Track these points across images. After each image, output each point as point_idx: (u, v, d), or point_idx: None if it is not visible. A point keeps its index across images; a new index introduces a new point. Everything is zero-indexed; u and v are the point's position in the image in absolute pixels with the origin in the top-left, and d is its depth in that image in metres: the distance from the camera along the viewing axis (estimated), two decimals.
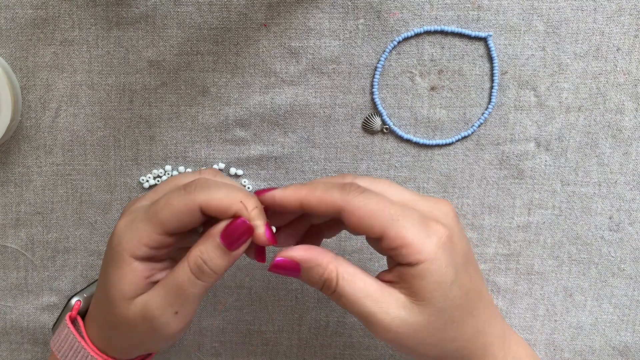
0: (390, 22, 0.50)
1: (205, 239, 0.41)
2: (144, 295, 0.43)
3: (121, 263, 0.42)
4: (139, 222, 0.42)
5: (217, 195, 0.41)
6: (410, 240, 0.39)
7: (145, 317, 0.42)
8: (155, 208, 0.42)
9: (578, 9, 0.50)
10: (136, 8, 0.50)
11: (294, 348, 0.57)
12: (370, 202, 0.40)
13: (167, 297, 0.42)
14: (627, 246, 0.54)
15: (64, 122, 0.53)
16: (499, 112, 0.52)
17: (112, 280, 0.43)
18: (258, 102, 0.52)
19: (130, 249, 0.42)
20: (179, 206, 0.41)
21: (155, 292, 0.42)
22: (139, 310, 0.42)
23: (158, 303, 0.42)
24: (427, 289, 0.40)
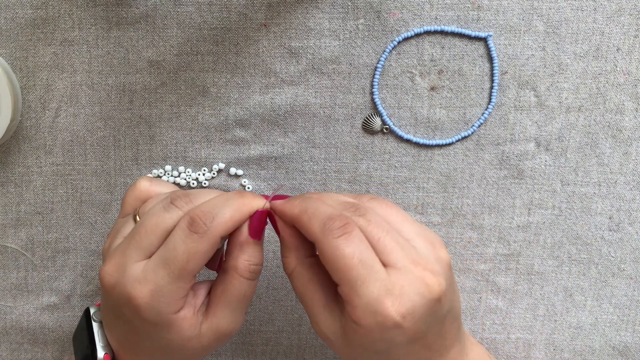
0: (390, 22, 0.50)
1: (242, 245, 0.43)
2: (208, 323, 0.43)
3: (169, 324, 0.42)
4: (167, 285, 0.41)
5: (229, 216, 0.42)
6: (356, 304, 0.40)
7: (222, 335, 0.44)
8: (179, 265, 0.41)
9: (578, 9, 0.50)
10: (136, 8, 0.50)
11: (294, 348, 0.57)
12: (342, 252, 0.40)
13: (235, 309, 0.44)
14: (627, 246, 0.54)
15: (64, 122, 0.53)
16: (499, 112, 0.52)
17: (168, 339, 0.43)
18: (258, 102, 0.52)
19: (171, 310, 0.42)
20: (203, 249, 0.41)
21: (219, 312, 0.43)
22: (211, 335, 0.44)
23: (227, 318, 0.44)
24: (353, 343, 0.41)
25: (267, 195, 0.44)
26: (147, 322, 0.42)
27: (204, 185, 0.54)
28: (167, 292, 0.41)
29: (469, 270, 0.55)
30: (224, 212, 0.42)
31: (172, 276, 0.41)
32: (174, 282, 0.41)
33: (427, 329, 0.41)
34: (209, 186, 0.54)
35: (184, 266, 0.41)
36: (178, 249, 0.41)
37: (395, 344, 0.40)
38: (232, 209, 0.42)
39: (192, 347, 0.44)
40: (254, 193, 0.44)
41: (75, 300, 0.56)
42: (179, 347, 0.43)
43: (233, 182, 0.54)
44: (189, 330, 0.43)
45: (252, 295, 0.45)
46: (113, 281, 0.42)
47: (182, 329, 0.43)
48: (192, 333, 0.43)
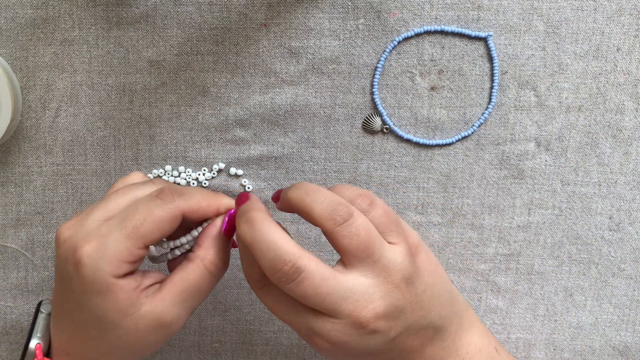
0: (390, 22, 0.50)
1: (214, 239, 0.44)
2: (151, 305, 0.42)
3: (106, 288, 0.41)
4: (115, 242, 0.40)
5: (195, 200, 0.43)
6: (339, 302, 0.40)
7: (161, 325, 0.42)
8: (134, 223, 0.41)
9: (578, 9, 0.50)
10: (136, 8, 0.50)
11: (294, 348, 0.57)
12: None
13: (185, 301, 0.43)
14: (627, 246, 0.54)
15: (64, 122, 0.53)
16: (499, 112, 0.52)
17: (103, 308, 0.41)
18: (258, 102, 0.52)
19: (112, 271, 0.40)
20: (162, 216, 0.41)
21: (169, 298, 0.42)
22: (150, 320, 0.42)
23: (173, 308, 0.42)
24: None
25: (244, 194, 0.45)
26: (84, 281, 0.41)
27: (204, 185, 0.54)
28: (112, 249, 0.40)
29: (469, 270, 0.55)
30: (193, 193, 0.43)
31: (123, 233, 0.40)
32: (121, 240, 0.40)
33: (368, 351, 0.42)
34: (209, 186, 0.54)
35: (137, 226, 0.40)
36: (138, 209, 0.41)
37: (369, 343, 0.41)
38: (202, 195, 0.43)
39: (127, 327, 0.42)
40: None
41: None
42: (112, 322, 0.42)
43: (233, 182, 0.54)
44: (125, 302, 0.41)
45: (205, 295, 0.44)
46: (67, 235, 0.42)
47: (118, 300, 0.41)
48: (129, 309, 0.41)
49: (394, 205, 0.54)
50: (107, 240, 0.41)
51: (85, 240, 0.41)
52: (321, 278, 0.40)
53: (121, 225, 0.41)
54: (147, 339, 0.43)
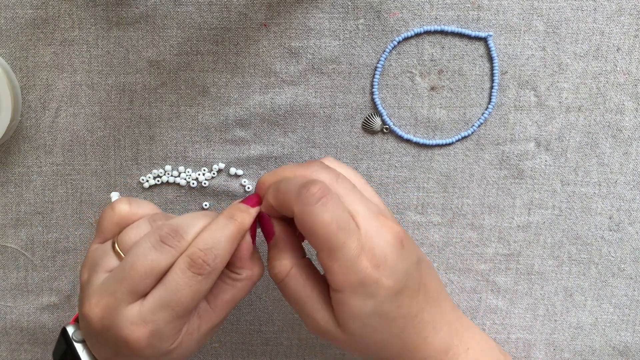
0: (390, 22, 0.50)
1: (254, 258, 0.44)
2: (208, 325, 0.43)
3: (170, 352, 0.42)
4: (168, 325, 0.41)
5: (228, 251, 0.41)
6: (334, 270, 0.40)
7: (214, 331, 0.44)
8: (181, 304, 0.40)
9: (578, 9, 0.50)
10: (136, 8, 0.50)
11: (294, 348, 0.57)
12: (318, 217, 0.40)
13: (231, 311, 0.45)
14: (627, 246, 0.54)
15: (64, 122, 0.53)
16: (499, 112, 0.52)
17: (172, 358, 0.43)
18: (258, 102, 0.52)
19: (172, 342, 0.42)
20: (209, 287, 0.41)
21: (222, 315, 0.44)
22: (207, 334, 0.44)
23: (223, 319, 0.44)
24: (345, 317, 0.42)
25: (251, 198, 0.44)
26: (146, 357, 0.42)
27: (204, 185, 0.54)
28: (168, 331, 0.41)
29: (469, 270, 0.55)
30: (224, 247, 0.41)
31: (175, 316, 0.41)
32: (175, 321, 0.41)
33: (405, 276, 0.41)
34: (209, 186, 0.54)
35: (189, 306, 0.41)
36: (182, 291, 0.40)
37: (381, 300, 0.41)
38: (231, 238, 0.41)
39: (192, 349, 0.44)
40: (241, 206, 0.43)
41: (75, 300, 0.56)
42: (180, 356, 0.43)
43: (233, 182, 0.54)
44: (189, 343, 0.43)
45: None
46: (106, 324, 0.41)
47: (183, 347, 0.42)
48: (192, 342, 0.43)
49: (394, 205, 0.54)
50: (159, 326, 0.40)
51: (134, 331, 0.40)
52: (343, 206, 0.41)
53: (168, 309, 0.40)
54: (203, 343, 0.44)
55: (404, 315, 0.42)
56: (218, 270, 0.41)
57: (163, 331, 0.41)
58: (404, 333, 0.43)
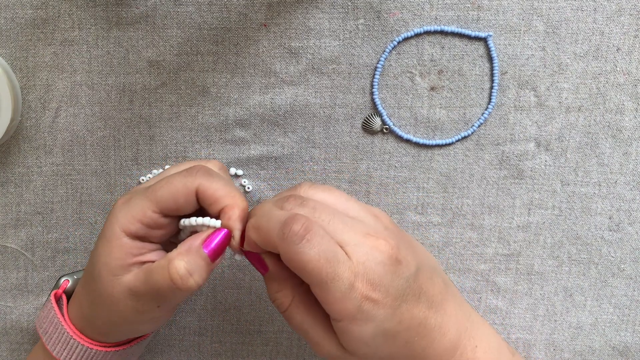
0: (390, 22, 0.50)
1: (189, 250, 0.41)
2: (130, 276, 0.43)
3: (111, 237, 0.43)
4: (136, 199, 0.43)
5: (215, 185, 0.42)
6: (330, 301, 0.40)
7: (130, 297, 0.43)
8: (154, 186, 0.43)
9: (578, 9, 0.50)
10: (136, 8, 0.50)
11: (294, 348, 0.57)
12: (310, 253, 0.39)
13: (148, 292, 0.42)
14: (627, 246, 0.54)
15: (64, 122, 0.53)
16: (499, 112, 0.52)
17: (100, 254, 0.43)
18: (258, 102, 0.52)
19: (124, 224, 0.43)
20: (177, 186, 0.42)
21: (140, 279, 0.42)
22: (123, 289, 0.43)
23: (141, 289, 0.42)
24: (348, 343, 0.42)
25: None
26: (104, 226, 0.44)
27: None
28: (131, 205, 0.43)
29: (469, 270, 0.55)
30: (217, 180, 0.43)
31: (144, 193, 0.43)
32: (141, 199, 0.43)
33: (402, 292, 0.41)
34: None
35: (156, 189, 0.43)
36: (163, 177, 0.44)
37: (381, 320, 0.41)
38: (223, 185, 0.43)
39: (105, 288, 0.43)
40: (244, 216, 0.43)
41: None
42: (99, 274, 0.43)
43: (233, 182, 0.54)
44: (116, 261, 0.43)
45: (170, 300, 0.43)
46: None
47: (112, 251, 0.43)
48: (116, 270, 0.43)
49: (394, 205, 0.54)
50: (132, 197, 0.44)
51: (125, 194, 0.45)
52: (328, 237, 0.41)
53: (147, 188, 0.43)
54: (118, 306, 0.43)
55: (407, 327, 0.42)
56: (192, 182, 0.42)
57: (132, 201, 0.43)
58: (409, 344, 0.43)
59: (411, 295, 0.42)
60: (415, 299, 0.42)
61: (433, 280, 0.44)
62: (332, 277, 0.39)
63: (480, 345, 0.46)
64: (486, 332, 0.47)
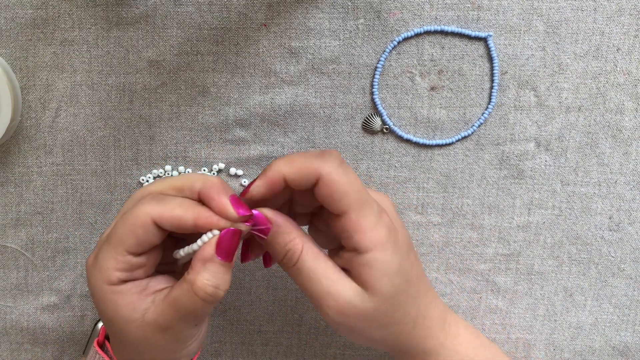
0: (390, 22, 0.50)
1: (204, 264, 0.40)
2: (151, 315, 0.41)
3: (105, 295, 0.41)
4: (102, 251, 0.41)
5: (169, 207, 0.40)
6: (364, 228, 0.41)
7: (163, 332, 0.41)
8: (113, 231, 0.41)
9: (578, 9, 0.50)
10: (136, 8, 0.50)
11: (294, 348, 0.57)
12: (347, 177, 0.41)
13: (183, 319, 0.41)
14: (627, 246, 0.54)
15: (64, 122, 0.53)
16: (499, 112, 0.52)
17: (109, 315, 0.42)
18: (258, 102, 0.52)
19: (104, 279, 0.41)
20: (133, 222, 0.40)
21: (167, 313, 0.41)
22: (152, 330, 0.41)
23: (174, 321, 0.41)
24: (375, 277, 0.41)
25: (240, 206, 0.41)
26: (91, 292, 0.42)
27: None
28: (101, 259, 0.41)
29: (469, 270, 0.55)
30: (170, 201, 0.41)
31: (108, 243, 0.41)
32: (108, 250, 0.41)
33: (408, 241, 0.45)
34: None
35: (115, 233, 0.41)
36: (118, 217, 0.42)
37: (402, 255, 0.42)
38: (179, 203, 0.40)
39: (134, 333, 0.41)
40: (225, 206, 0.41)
41: (75, 300, 0.56)
42: (120, 329, 0.42)
43: (233, 182, 0.54)
44: (126, 308, 0.41)
45: (206, 315, 0.42)
46: None
47: (118, 306, 0.41)
48: (132, 314, 0.41)
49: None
50: (99, 251, 0.42)
51: (90, 256, 0.43)
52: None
53: (108, 235, 0.42)
54: (158, 345, 0.42)
55: (416, 275, 0.44)
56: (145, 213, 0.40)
57: (99, 257, 0.41)
58: (417, 295, 0.44)
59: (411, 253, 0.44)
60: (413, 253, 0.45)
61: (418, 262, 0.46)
62: (368, 202, 0.41)
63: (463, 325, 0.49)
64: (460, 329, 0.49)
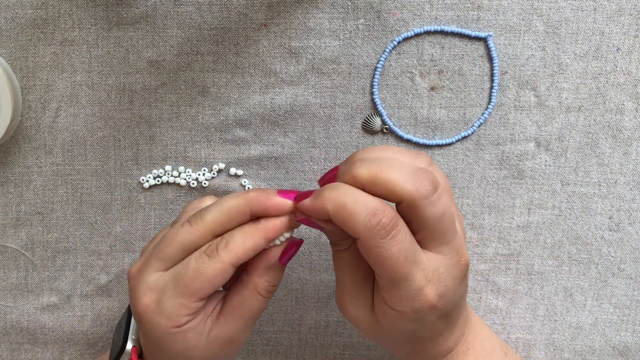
0: (390, 22, 0.50)
1: (269, 267, 0.43)
2: (217, 329, 0.43)
3: (173, 337, 0.42)
4: (171, 299, 0.41)
5: (239, 246, 0.41)
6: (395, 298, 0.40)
7: (229, 342, 0.43)
8: (185, 281, 0.41)
9: (578, 9, 0.50)
10: (136, 8, 0.50)
11: (294, 348, 0.57)
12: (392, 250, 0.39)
13: (246, 323, 0.43)
14: (627, 246, 0.54)
15: (64, 122, 0.53)
16: (499, 112, 0.52)
17: (177, 351, 0.43)
18: (258, 102, 0.52)
19: (172, 325, 0.42)
20: (211, 274, 0.41)
21: (230, 322, 0.43)
22: (220, 341, 0.43)
23: (237, 328, 0.43)
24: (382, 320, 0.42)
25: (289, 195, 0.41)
26: (152, 329, 0.42)
27: (204, 185, 0.54)
28: (169, 307, 0.41)
29: (469, 270, 0.55)
30: (243, 241, 0.41)
31: (177, 291, 0.41)
32: (176, 298, 0.41)
33: (455, 306, 0.42)
34: (209, 186, 0.54)
35: (189, 284, 0.41)
36: (188, 267, 0.41)
37: (425, 323, 0.42)
38: (244, 237, 0.41)
39: (199, 355, 0.43)
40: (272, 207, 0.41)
41: (75, 300, 0.56)
42: (188, 355, 0.43)
43: (233, 182, 0.54)
44: (193, 339, 0.43)
45: (262, 312, 0.45)
46: (133, 283, 0.43)
47: (186, 340, 0.43)
48: (198, 342, 0.43)
49: None
50: (163, 297, 0.42)
51: (144, 295, 0.42)
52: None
53: (174, 282, 0.42)
54: (220, 356, 0.44)
55: (433, 334, 0.43)
56: (223, 260, 0.41)
57: (165, 304, 0.41)
58: (423, 343, 0.44)
59: (453, 312, 0.43)
60: (450, 316, 0.43)
61: (464, 297, 0.45)
62: (405, 277, 0.39)
63: (472, 348, 0.47)
64: (481, 335, 0.48)
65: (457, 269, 0.41)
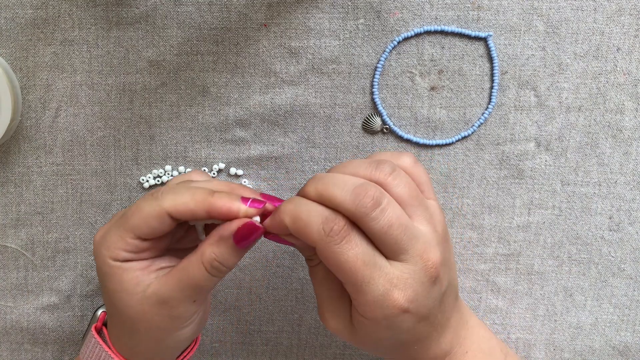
0: (390, 22, 0.50)
1: (218, 241, 0.42)
2: (155, 286, 0.43)
3: (110, 270, 0.43)
4: (112, 230, 0.43)
5: (182, 200, 0.42)
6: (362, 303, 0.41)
7: (163, 304, 0.43)
8: (127, 214, 0.43)
9: (578, 9, 0.50)
10: (136, 8, 0.50)
11: (294, 348, 0.57)
12: (348, 254, 0.40)
13: (183, 290, 0.43)
14: (627, 246, 0.54)
15: (64, 122, 0.53)
16: (499, 112, 0.52)
17: (112, 289, 0.43)
18: (258, 102, 0.52)
19: (110, 255, 0.43)
20: (147, 212, 0.42)
21: (169, 284, 0.43)
22: (154, 300, 0.43)
23: (177, 294, 0.43)
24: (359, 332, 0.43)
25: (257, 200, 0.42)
26: (97, 266, 0.44)
27: None
28: (110, 237, 0.43)
29: (469, 270, 0.55)
30: (182, 193, 0.42)
31: (118, 224, 0.43)
32: (117, 229, 0.43)
33: (430, 309, 0.42)
34: None
35: (128, 219, 0.42)
36: (133, 204, 0.43)
37: (402, 328, 0.42)
38: (192, 196, 0.42)
39: (134, 306, 0.43)
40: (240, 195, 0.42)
41: (75, 300, 0.56)
42: (122, 302, 0.43)
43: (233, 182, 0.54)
44: (130, 282, 0.43)
45: (208, 292, 0.44)
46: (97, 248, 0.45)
47: (122, 280, 0.43)
48: (135, 288, 0.43)
49: None
50: (108, 230, 0.44)
51: (98, 232, 0.45)
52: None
53: (120, 218, 0.43)
54: (154, 321, 0.43)
55: (416, 339, 0.43)
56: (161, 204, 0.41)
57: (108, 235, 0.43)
58: (411, 349, 0.44)
59: (432, 313, 0.43)
60: (433, 319, 0.43)
61: (450, 299, 0.45)
62: (367, 281, 0.40)
63: (471, 350, 0.47)
64: (480, 336, 0.48)
65: (423, 274, 0.41)
